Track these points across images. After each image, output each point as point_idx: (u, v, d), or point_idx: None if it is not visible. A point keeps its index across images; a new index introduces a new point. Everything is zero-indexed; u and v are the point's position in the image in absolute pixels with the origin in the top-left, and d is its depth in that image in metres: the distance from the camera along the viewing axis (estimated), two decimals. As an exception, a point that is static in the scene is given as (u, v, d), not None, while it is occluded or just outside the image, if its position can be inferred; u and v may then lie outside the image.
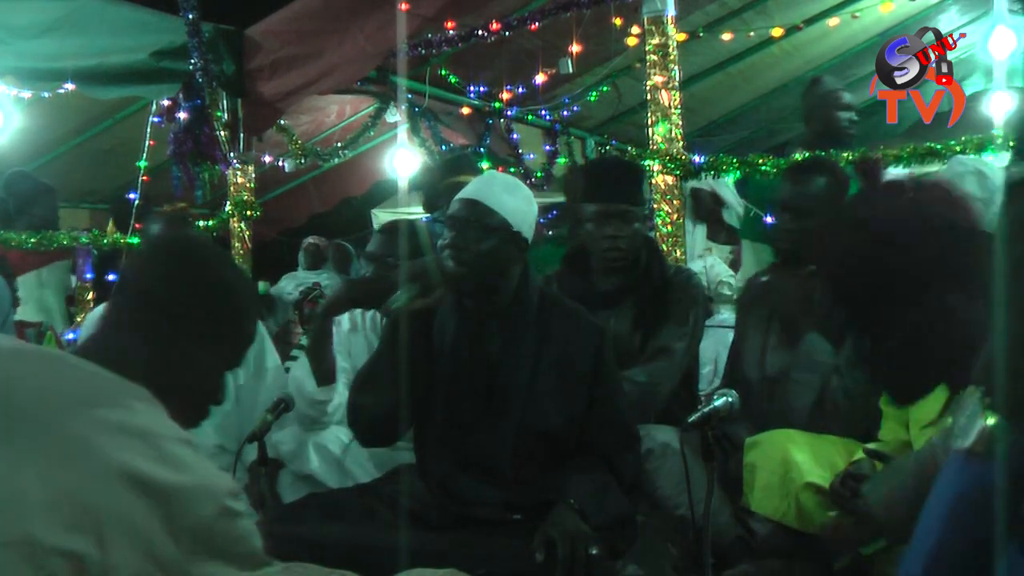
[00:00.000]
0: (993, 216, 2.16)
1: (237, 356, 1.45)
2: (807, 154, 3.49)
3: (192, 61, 4.02)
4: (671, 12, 3.65)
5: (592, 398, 2.19)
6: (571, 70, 5.56)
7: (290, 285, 6.66)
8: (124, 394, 1.24)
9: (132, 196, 4.81)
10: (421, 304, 2.13)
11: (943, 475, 1.08)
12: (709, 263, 4.86)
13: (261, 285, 6.72)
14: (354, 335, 2.91)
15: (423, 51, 4.80)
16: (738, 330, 2.90)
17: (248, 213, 4.40)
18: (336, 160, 6.23)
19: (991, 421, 0.99)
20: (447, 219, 2.21)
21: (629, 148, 6.70)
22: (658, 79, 3.65)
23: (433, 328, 2.24)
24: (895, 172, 3.50)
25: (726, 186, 4.32)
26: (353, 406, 2.27)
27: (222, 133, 4.26)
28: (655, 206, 3.62)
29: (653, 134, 3.67)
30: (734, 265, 5.11)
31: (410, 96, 5.55)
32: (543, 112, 6.55)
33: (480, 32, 4.63)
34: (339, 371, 2.72)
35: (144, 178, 4.81)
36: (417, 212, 5.92)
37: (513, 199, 2.20)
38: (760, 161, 3.73)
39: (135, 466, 1.15)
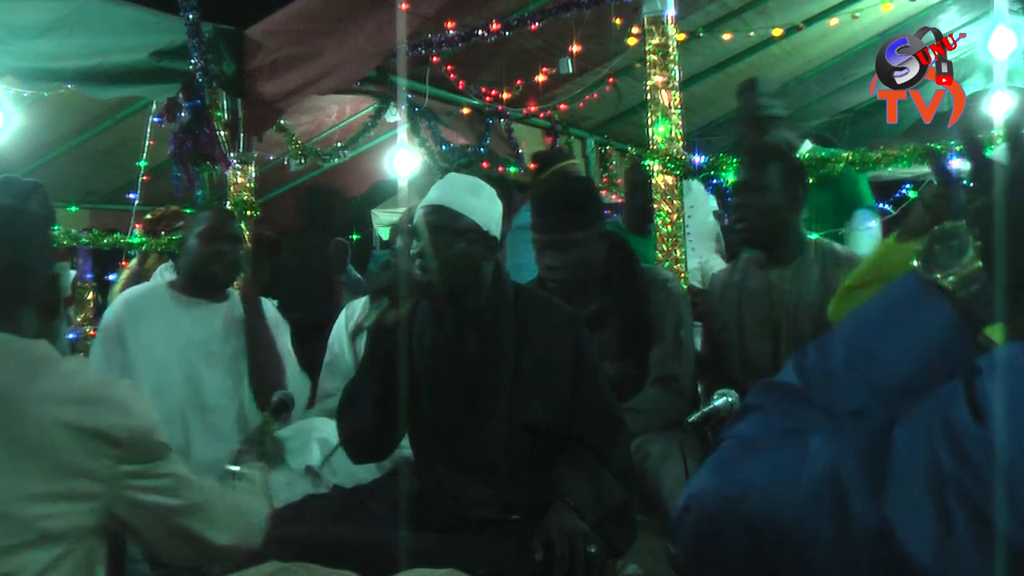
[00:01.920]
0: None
1: (55, 311, 1.56)
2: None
3: (192, 61, 4.01)
4: (671, 12, 3.64)
5: (575, 387, 2.19)
6: (571, 70, 5.56)
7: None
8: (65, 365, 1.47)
9: (132, 196, 4.80)
10: (395, 316, 2.11)
11: (893, 287, 1.02)
12: (704, 258, 4.84)
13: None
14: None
15: (423, 51, 4.80)
16: (715, 333, 2.91)
17: (248, 213, 4.39)
18: (336, 160, 6.22)
19: (973, 263, 0.95)
20: (415, 227, 2.18)
21: (629, 148, 6.70)
22: (658, 79, 3.64)
23: (412, 336, 2.23)
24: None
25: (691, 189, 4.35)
26: (342, 425, 2.26)
27: (222, 133, 4.25)
28: (655, 206, 3.60)
29: (653, 134, 3.66)
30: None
31: (410, 96, 5.54)
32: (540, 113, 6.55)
33: (480, 32, 4.62)
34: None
35: (144, 178, 4.81)
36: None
37: (478, 200, 2.19)
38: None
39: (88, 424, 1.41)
